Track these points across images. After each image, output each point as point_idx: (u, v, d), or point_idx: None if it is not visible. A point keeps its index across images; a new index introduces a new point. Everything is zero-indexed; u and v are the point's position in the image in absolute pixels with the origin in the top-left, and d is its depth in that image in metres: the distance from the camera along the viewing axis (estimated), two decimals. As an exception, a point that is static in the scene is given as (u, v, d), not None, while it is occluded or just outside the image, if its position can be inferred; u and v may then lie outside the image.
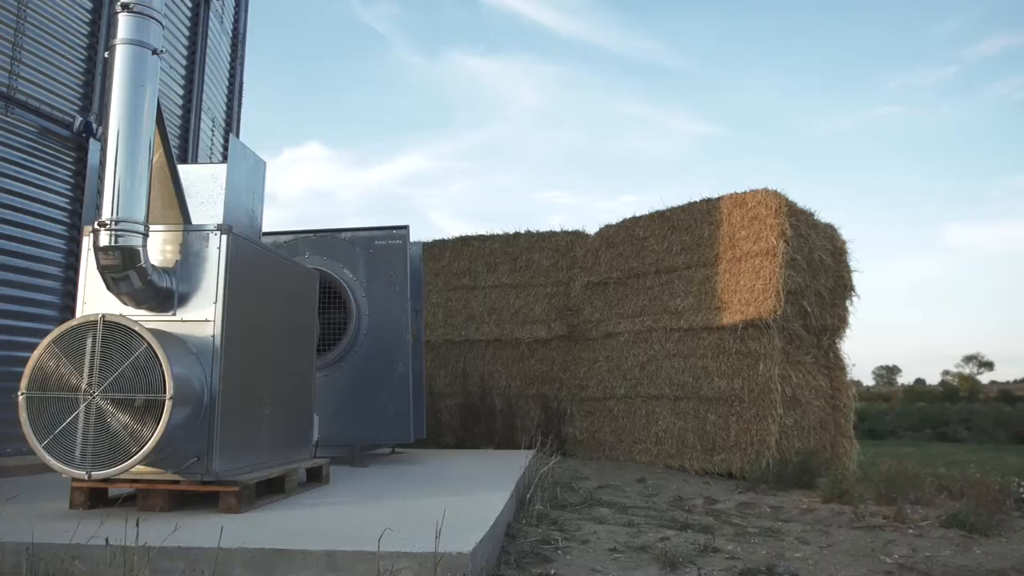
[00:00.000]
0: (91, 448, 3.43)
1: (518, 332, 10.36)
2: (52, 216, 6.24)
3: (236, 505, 3.72)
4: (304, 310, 5.11)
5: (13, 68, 5.91)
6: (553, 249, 10.50)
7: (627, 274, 9.51)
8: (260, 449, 4.30)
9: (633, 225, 9.61)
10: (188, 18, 8.27)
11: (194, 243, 3.91)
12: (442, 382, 10.56)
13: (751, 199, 8.28)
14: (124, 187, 3.58)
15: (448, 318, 10.77)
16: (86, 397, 3.46)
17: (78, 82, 6.57)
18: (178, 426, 3.55)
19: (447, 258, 11.01)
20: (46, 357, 3.51)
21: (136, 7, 3.73)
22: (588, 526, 4.62)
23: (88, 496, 3.85)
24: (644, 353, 9.05)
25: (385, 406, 6.52)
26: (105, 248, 3.55)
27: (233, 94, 10.02)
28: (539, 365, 10.24)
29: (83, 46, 6.62)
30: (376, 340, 6.64)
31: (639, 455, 8.90)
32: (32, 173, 6.07)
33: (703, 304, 8.53)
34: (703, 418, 8.21)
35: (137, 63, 3.69)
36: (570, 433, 9.79)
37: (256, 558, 2.83)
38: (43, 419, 3.47)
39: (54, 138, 6.28)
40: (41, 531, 3.05)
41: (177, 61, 7.99)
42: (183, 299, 3.87)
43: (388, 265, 6.74)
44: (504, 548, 3.82)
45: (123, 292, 3.71)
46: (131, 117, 3.64)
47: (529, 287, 10.49)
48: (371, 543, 2.78)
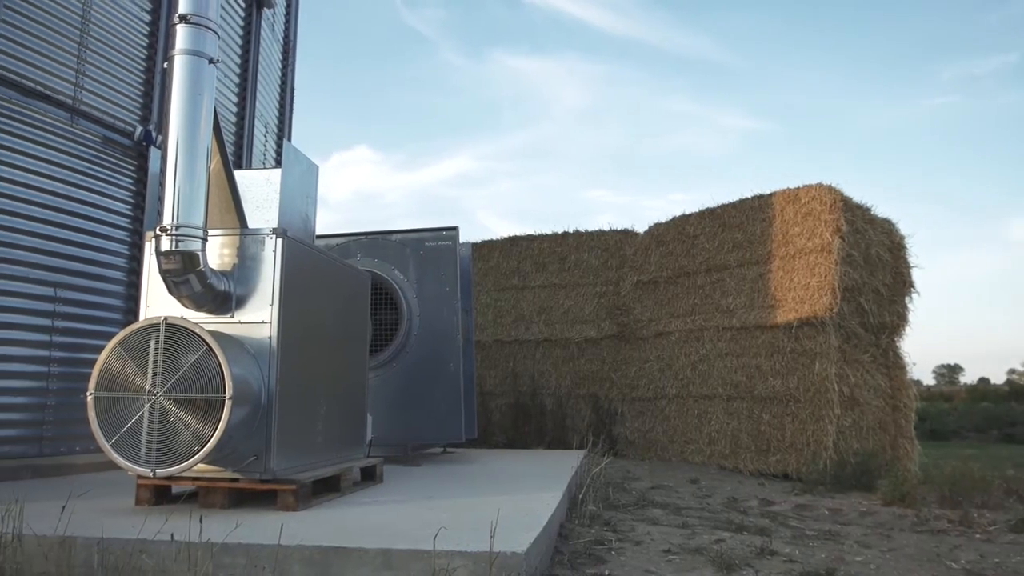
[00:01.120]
0: (155, 447, 3.54)
1: (568, 332, 10.34)
2: (115, 222, 6.45)
3: (294, 503, 3.79)
4: (357, 311, 5.18)
5: (78, 80, 6.12)
6: (602, 248, 10.44)
7: (677, 273, 9.41)
8: (316, 448, 4.38)
9: (683, 223, 9.51)
10: (241, 27, 8.47)
11: (250, 246, 4.00)
12: (492, 382, 10.60)
13: (804, 195, 8.11)
14: (184, 193, 3.68)
15: (498, 318, 10.81)
16: (150, 397, 3.56)
17: (138, 92, 6.78)
18: (237, 426, 3.63)
19: (496, 258, 11.05)
20: (112, 359, 3.64)
21: (193, 18, 3.84)
22: (641, 527, 4.59)
23: (153, 493, 3.97)
24: (696, 352, 8.94)
25: (437, 406, 6.57)
26: (166, 253, 3.66)
27: (284, 100, 10.21)
28: (589, 365, 10.20)
29: (142, 57, 6.83)
30: (427, 340, 6.70)
31: (692, 455, 8.79)
32: (96, 181, 6.28)
33: (756, 302, 8.38)
34: (757, 418, 8.07)
35: (195, 72, 3.79)
36: (621, 433, 9.72)
37: (314, 555, 2.88)
38: (110, 418, 3.59)
39: (116, 147, 6.49)
40: (110, 526, 3.16)
41: (231, 69, 8.18)
42: (240, 301, 3.96)
43: (438, 266, 6.80)
44: (557, 548, 3.81)
45: (183, 295, 3.82)
46: (189, 125, 3.74)
47: (578, 286, 10.45)
48: (426, 542, 2.81)
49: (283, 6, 9.99)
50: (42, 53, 5.85)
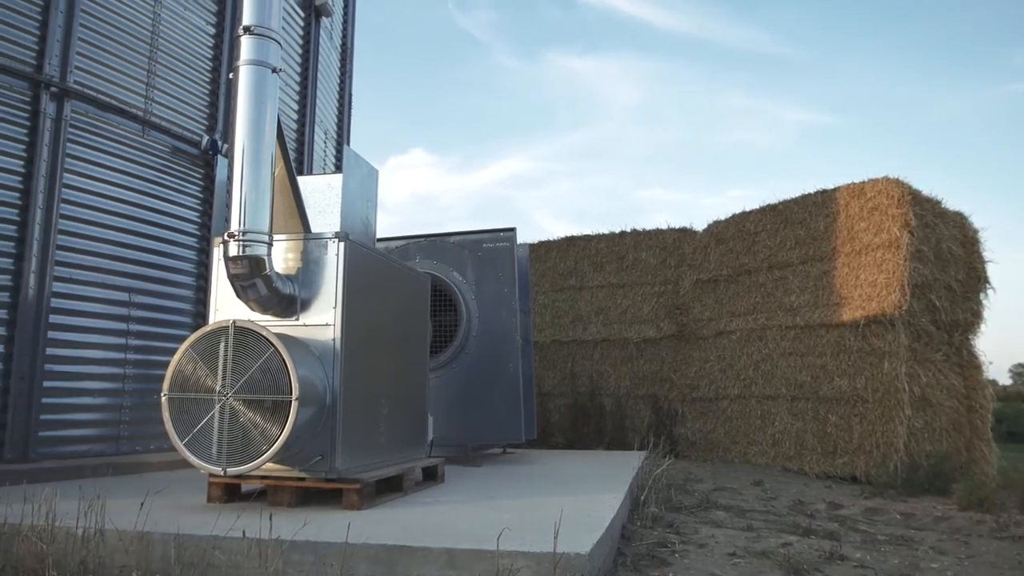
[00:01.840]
0: (226, 446, 3.65)
1: (626, 332, 10.26)
2: (184, 229, 6.68)
3: (358, 502, 3.85)
4: (417, 313, 5.24)
5: (148, 93, 6.36)
6: (660, 247, 10.33)
7: (738, 271, 9.24)
8: (379, 448, 4.45)
9: (743, 220, 9.33)
10: (301, 36, 8.66)
11: (314, 250, 4.09)
12: (550, 383, 10.59)
13: (870, 189, 7.87)
14: (250, 200, 3.79)
15: (555, 318, 10.79)
16: (220, 398, 3.68)
17: (204, 103, 7.00)
18: (303, 426, 3.71)
19: (553, 259, 11.04)
20: (184, 361, 3.76)
21: (256, 29, 3.94)
22: (705, 529, 4.52)
23: (223, 491, 4.09)
24: (758, 352, 8.77)
25: (496, 406, 6.60)
26: (234, 258, 3.77)
27: (343, 106, 10.40)
28: (648, 365, 10.11)
29: (207, 69, 7.05)
30: (486, 341, 6.73)
31: (755, 457, 8.62)
32: (166, 190, 6.51)
33: (820, 300, 8.17)
34: (823, 419, 7.86)
35: (259, 82, 3.90)
36: (682, 434, 9.60)
37: (380, 554, 2.92)
38: (183, 419, 3.71)
39: (184, 157, 6.72)
40: (185, 523, 3.27)
41: (292, 77, 8.38)
42: (305, 304, 4.05)
43: (496, 267, 6.83)
44: (619, 550, 3.79)
45: (251, 299, 3.92)
46: (254, 134, 3.84)
47: (636, 286, 10.36)
48: (489, 542, 2.82)
49: (340, 14, 10.18)
50: (116, 68, 6.09)
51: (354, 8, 10.71)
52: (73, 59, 5.71)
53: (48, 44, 5.55)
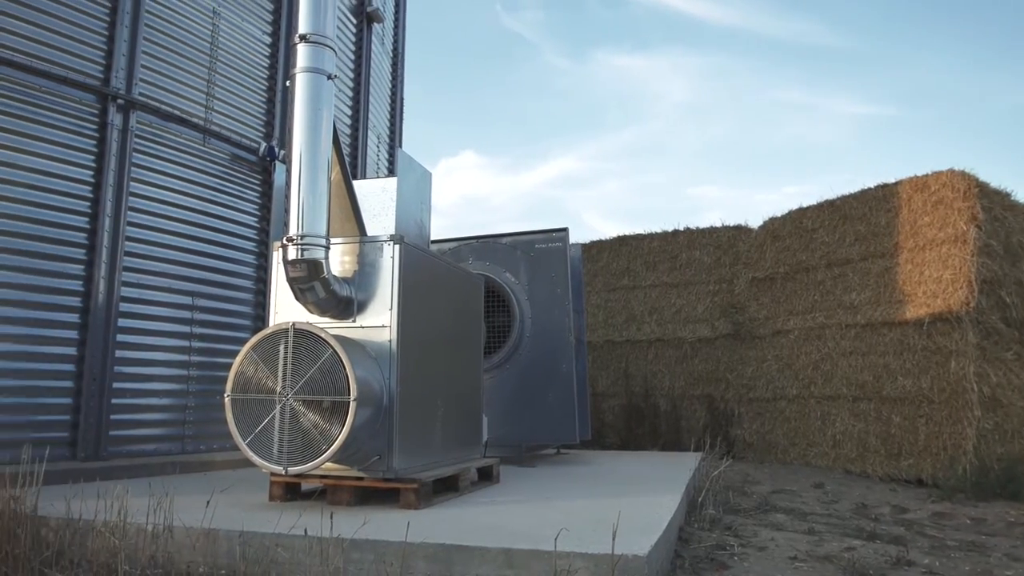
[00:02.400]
0: (287, 445, 3.73)
1: (680, 331, 10.14)
2: (243, 234, 6.85)
3: (415, 502, 3.90)
4: (471, 314, 5.27)
5: (208, 103, 6.55)
6: (714, 245, 10.18)
7: (795, 268, 9.04)
8: (435, 448, 4.49)
9: (800, 216, 9.13)
10: (353, 42, 8.81)
11: (370, 253, 4.16)
12: (604, 383, 10.54)
13: (934, 182, 7.62)
14: (307, 204, 3.87)
15: (608, 318, 10.73)
16: (281, 399, 3.76)
17: (261, 111, 7.17)
18: (361, 426, 3.77)
19: (605, 258, 10.98)
20: (246, 363, 3.86)
21: (312, 37, 4.02)
22: (764, 532, 4.44)
23: (284, 489, 4.18)
24: (817, 351, 8.56)
25: (550, 407, 6.60)
26: (293, 261, 3.85)
27: (395, 110, 10.54)
28: (703, 365, 9.97)
29: (264, 77, 7.23)
30: (539, 342, 6.73)
31: (815, 459, 8.43)
32: (226, 196, 6.69)
33: (882, 298, 7.94)
34: (886, 420, 7.64)
35: (315, 89, 3.98)
36: (739, 435, 9.44)
37: (438, 553, 2.95)
38: (245, 419, 3.81)
39: (243, 163, 6.89)
40: (249, 520, 3.35)
41: (345, 83, 8.52)
42: (361, 306, 4.12)
43: (549, 267, 6.83)
44: (677, 552, 3.75)
45: (309, 301, 4.01)
46: (311, 139, 3.92)
47: (690, 285, 10.23)
48: (546, 542, 2.82)
49: (391, 20, 10.31)
50: (178, 79, 6.29)
51: (404, 13, 10.84)
52: (138, 72, 5.91)
53: (115, 58, 5.76)
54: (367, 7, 8.93)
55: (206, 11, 6.57)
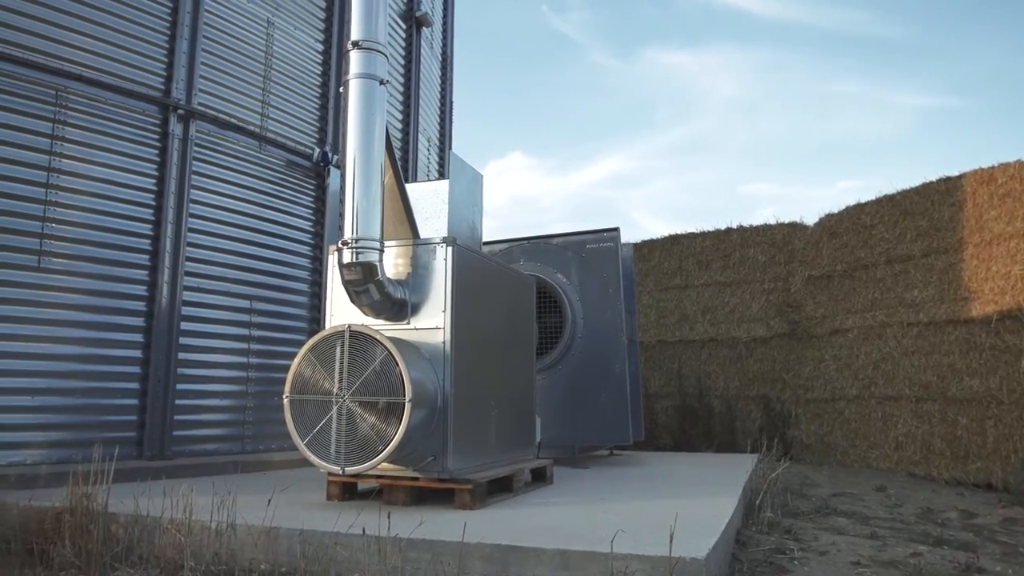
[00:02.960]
0: (344, 446, 3.79)
1: (735, 331, 9.97)
2: (299, 239, 6.99)
3: (470, 502, 3.92)
4: (524, 315, 5.28)
5: (264, 111, 6.70)
6: (769, 243, 9.99)
7: (853, 266, 8.82)
8: (488, 449, 4.51)
9: (858, 212, 8.90)
10: (403, 47, 8.91)
11: (423, 256, 4.20)
12: (657, 383, 10.43)
13: (1001, 174, 7.34)
14: (362, 208, 3.92)
15: (661, 318, 10.63)
16: (337, 400, 3.82)
17: (315, 117, 7.31)
18: (416, 427, 3.81)
19: (657, 258, 10.87)
20: (303, 364, 3.93)
21: (364, 43, 4.08)
22: (825, 536, 4.34)
23: (341, 489, 4.25)
24: (878, 350, 8.33)
25: (603, 408, 6.56)
26: (348, 264, 3.91)
27: (444, 113, 10.63)
28: (759, 365, 9.79)
29: (317, 84, 7.36)
30: (592, 342, 6.70)
31: (876, 461, 8.20)
32: (281, 201, 6.84)
33: (946, 295, 7.68)
34: (952, 421, 7.39)
35: (367, 94, 4.03)
36: (796, 436, 9.24)
37: (494, 553, 2.96)
38: (303, 419, 3.89)
39: (298, 169, 7.03)
40: (309, 519, 3.42)
41: (395, 88, 8.62)
42: (415, 308, 4.16)
43: (600, 268, 6.79)
44: (735, 555, 3.69)
45: (364, 304, 4.06)
46: (365, 144, 3.98)
47: (744, 284, 10.06)
48: (602, 544, 2.81)
49: (439, 24, 10.40)
50: (234, 89, 6.46)
51: (452, 17, 10.92)
52: (197, 82, 6.09)
53: (175, 69, 5.94)
54: (416, 12, 9.02)
55: (261, 21, 6.73)
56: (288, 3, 7.05)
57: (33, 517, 3.50)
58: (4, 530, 3.38)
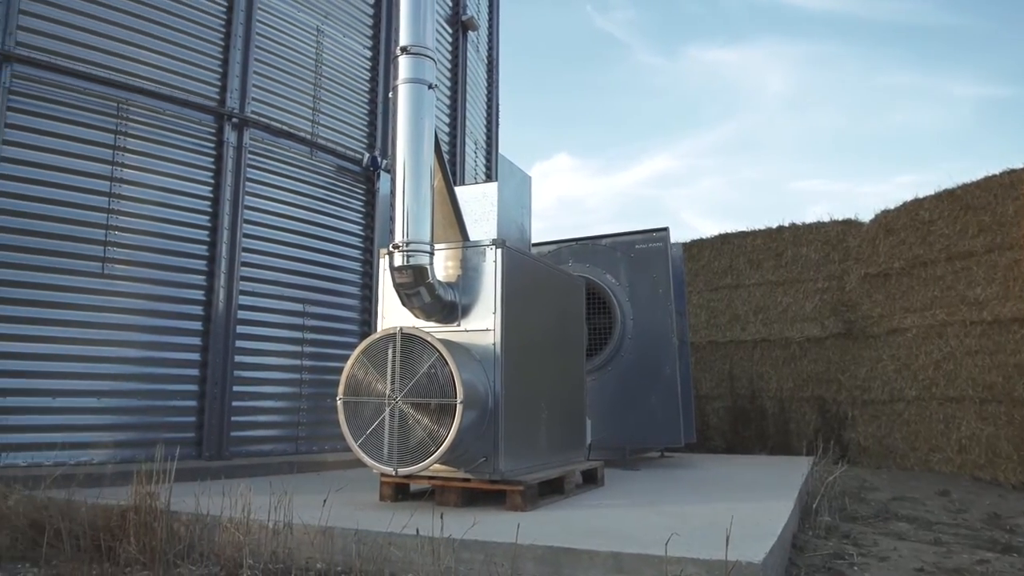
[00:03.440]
0: (396, 447, 3.83)
1: (788, 331, 9.78)
2: (349, 242, 7.10)
3: (522, 504, 3.92)
4: (573, 316, 5.27)
5: (315, 118, 6.83)
6: (822, 241, 9.77)
7: (911, 263, 8.57)
8: (539, 451, 4.50)
9: (916, 208, 8.64)
10: (449, 51, 8.98)
11: (472, 258, 4.22)
12: (708, 384, 10.29)
13: (1070, 166, 7.05)
14: (412, 212, 3.97)
15: (711, 319, 10.48)
16: (390, 401, 3.87)
17: (363, 123, 7.41)
18: (467, 428, 3.83)
19: (706, 257, 10.73)
20: (356, 367, 3.99)
21: (413, 49, 4.13)
22: (886, 541, 4.22)
23: (394, 490, 4.30)
24: (938, 350, 8.08)
25: (653, 409, 6.51)
26: (399, 267, 3.96)
27: (491, 116, 10.67)
28: (813, 365, 9.58)
29: (365, 90, 7.47)
30: (641, 344, 6.65)
31: (938, 464, 7.95)
32: (332, 206, 6.95)
33: (1011, 292, 7.41)
34: (1020, 424, 7.12)
35: (416, 99, 4.07)
36: (852, 439, 9.02)
37: (546, 555, 2.96)
38: (357, 421, 3.94)
39: (348, 174, 7.14)
40: (363, 519, 3.47)
41: (442, 91, 8.69)
42: (465, 310, 4.18)
43: (650, 268, 6.74)
44: (792, 560, 3.62)
45: (415, 306, 4.10)
46: (414, 148, 4.02)
47: (797, 283, 9.86)
48: (655, 547, 2.78)
49: (485, 27, 10.44)
50: (286, 96, 6.59)
51: (498, 20, 10.96)
52: (250, 91, 6.23)
53: (229, 79, 6.09)
54: (462, 16, 9.08)
55: (311, 30, 6.86)
56: (337, 11, 7.16)
57: (100, 514, 3.62)
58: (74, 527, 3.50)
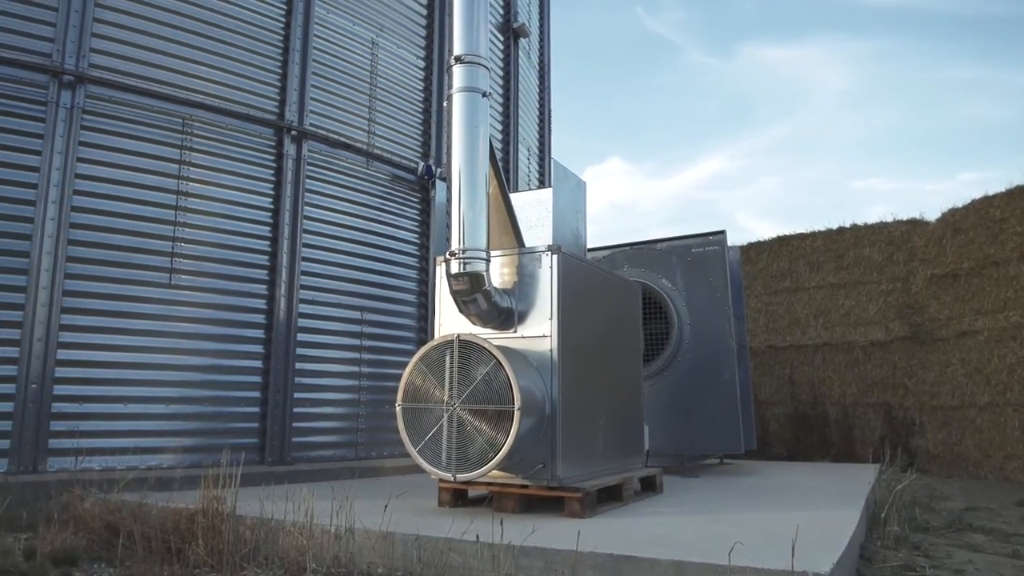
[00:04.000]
0: (455, 453, 3.85)
1: (850, 335, 9.53)
2: (405, 250, 7.18)
3: (580, 510, 3.90)
4: (629, 322, 5.23)
5: (370, 128, 6.94)
6: (885, 242, 9.50)
7: (981, 263, 8.26)
8: (597, 457, 4.48)
9: (986, 206, 8.33)
10: (501, 58, 9.02)
11: (528, 264, 4.22)
12: (767, 390, 10.09)
13: None
14: (468, 219, 4.00)
15: (770, 323, 10.28)
16: (448, 408, 3.89)
17: (418, 132, 7.51)
18: (525, 434, 3.83)
19: (764, 260, 10.54)
20: (415, 374, 4.03)
21: (466, 58, 4.16)
22: (960, 553, 4.07)
23: (452, 496, 4.32)
24: (1013, 354, 7.76)
25: (712, 415, 6.41)
26: (456, 275, 3.99)
27: (543, 122, 10.68)
28: (877, 370, 9.30)
29: (419, 100, 7.56)
30: (699, 349, 6.56)
31: (1014, 473, 7.62)
32: (388, 215, 7.05)
33: (1091, 292, 7.08)
34: (1102, 430, 6.79)
35: (471, 107, 4.11)
36: (921, 446, 8.72)
37: (606, 562, 2.93)
38: (415, 427, 3.98)
39: (403, 183, 7.23)
40: (423, 525, 3.49)
41: (495, 99, 8.74)
42: (521, 317, 4.19)
43: (707, 272, 6.65)
44: (860, 572, 3.52)
45: (472, 313, 4.13)
46: (469, 156, 4.05)
47: (859, 285, 9.60)
48: (718, 556, 2.74)
49: (536, 34, 10.47)
50: (342, 108, 6.72)
51: (548, 26, 10.97)
52: (308, 104, 6.37)
53: (287, 93, 6.24)
54: (513, 23, 9.12)
55: (365, 42, 6.98)
56: (391, 23, 7.28)
57: (170, 517, 3.73)
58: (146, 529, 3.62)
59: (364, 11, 7.02)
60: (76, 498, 4.09)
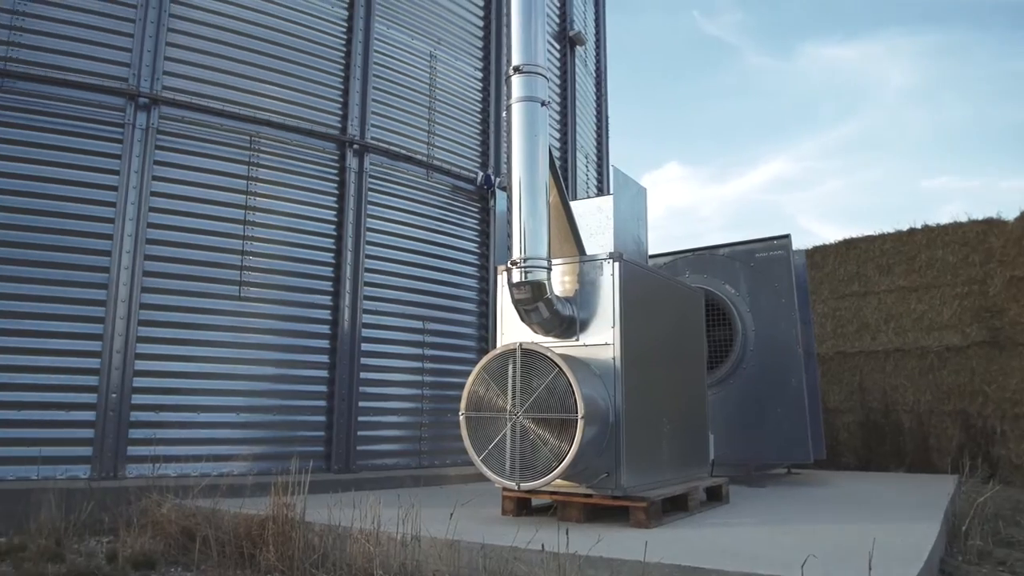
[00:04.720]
0: (518, 462, 3.86)
1: (923, 340, 9.18)
2: (465, 260, 7.25)
3: (645, 520, 3.86)
4: (693, 329, 5.16)
5: (430, 140, 7.04)
6: (960, 243, 9.13)
7: (1066, 264, 7.86)
8: (661, 466, 4.42)
9: (1069, 204, 7.93)
10: (558, 67, 9.04)
11: (589, 272, 4.21)
12: (836, 398, 9.79)
13: None
14: (529, 228, 4.01)
15: (838, 328, 9.99)
16: (511, 417, 3.90)
17: (476, 142, 7.57)
18: (589, 443, 3.81)
19: (830, 264, 10.24)
20: (478, 383, 4.06)
21: (525, 68, 4.19)
22: (1049, 569, 3.86)
23: (516, 504, 4.33)
24: (1101, 359, 7.36)
25: (779, 424, 6.25)
26: (517, 284, 4.00)
27: (600, 129, 10.65)
28: (954, 377, 8.93)
29: (477, 111, 7.63)
30: (765, 355, 6.42)
31: (1106, 485, 7.22)
32: (448, 225, 7.13)
33: None
34: None
35: (530, 116, 4.13)
36: (1003, 456, 8.33)
37: (673, 573, 2.89)
38: (479, 436, 4.00)
39: (462, 193, 7.30)
40: (488, 533, 3.50)
41: (553, 107, 8.76)
42: (583, 325, 4.18)
43: (771, 277, 6.51)
44: (941, 586, 3.38)
45: (534, 322, 4.13)
46: (529, 165, 4.07)
47: (933, 288, 9.24)
48: (790, 569, 2.67)
49: (592, 41, 10.46)
50: (403, 121, 6.84)
51: (604, 33, 10.95)
52: (369, 118, 6.50)
53: (349, 108, 6.38)
54: (569, 32, 9.14)
55: (424, 55, 7.09)
56: (448, 36, 7.37)
57: (242, 523, 3.84)
58: (220, 534, 3.73)
59: (422, 25, 7.13)
60: (153, 504, 4.24)
